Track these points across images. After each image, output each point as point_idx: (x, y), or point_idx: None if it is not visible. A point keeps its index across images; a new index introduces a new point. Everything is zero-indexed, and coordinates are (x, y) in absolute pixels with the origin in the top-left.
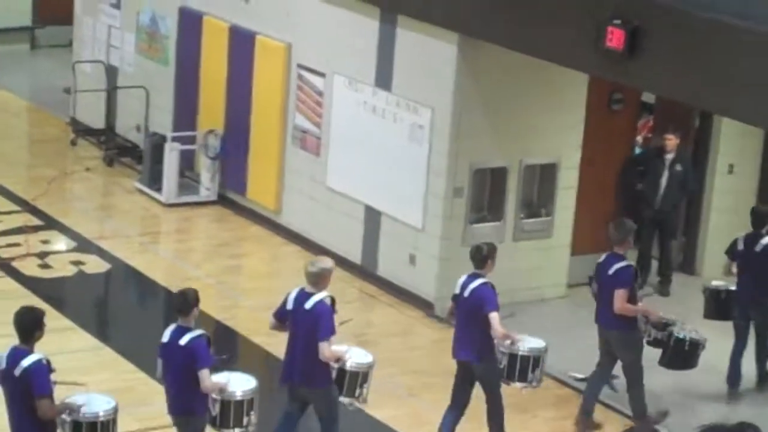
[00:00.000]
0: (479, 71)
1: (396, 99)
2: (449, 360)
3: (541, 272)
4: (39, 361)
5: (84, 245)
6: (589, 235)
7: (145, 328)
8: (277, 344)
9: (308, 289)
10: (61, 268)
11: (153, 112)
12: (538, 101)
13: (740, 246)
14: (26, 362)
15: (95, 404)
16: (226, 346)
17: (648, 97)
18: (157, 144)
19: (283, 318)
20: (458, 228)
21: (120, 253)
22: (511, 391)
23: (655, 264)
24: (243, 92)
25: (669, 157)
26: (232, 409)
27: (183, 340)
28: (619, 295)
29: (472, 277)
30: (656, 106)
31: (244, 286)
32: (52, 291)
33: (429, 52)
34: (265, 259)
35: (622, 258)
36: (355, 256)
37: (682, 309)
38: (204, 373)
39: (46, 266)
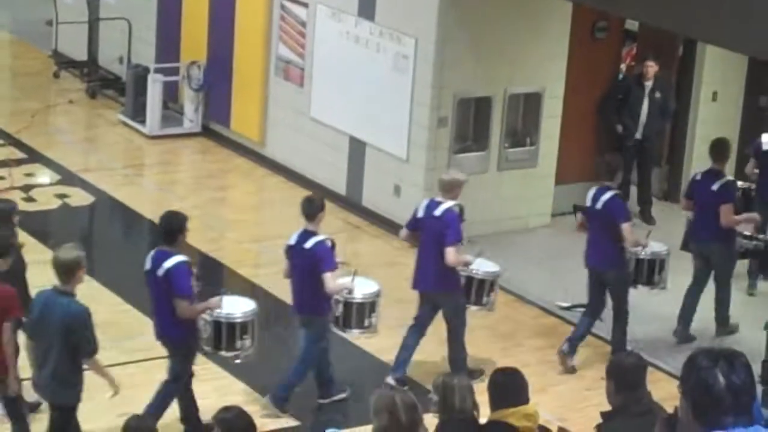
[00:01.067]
0: (463, 0)
1: (379, 29)
2: None
3: (526, 201)
4: (181, 263)
5: (68, 178)
6: (574, 165)
7: (130, 261)
8: (264, 276)
9: (439, 198)
10: (46, 201)
11: (135, 44)
12: (522, 30)
13: (765, 147)
14: (168, 263)
15: (235, 306)
16: (213, 278)
17: (631, 25)
18: (140, 76)
19: (414, 227)
20: (442, 158)
21: (104, 186)
22: (488, 321)
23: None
24: (226, 23)
25: (648, 84)
26: (354, 310)
27: (308, 244)
28: (727, 209)
29: (603, 189)
30: (640, 34)
31: (229, 218)
32: (37, 224)
33: None
34: (250, 190)
35: (722, 174)
36: (340, 187)
37: (664, 236)
38: (327, 276)
39: (30, 199)
